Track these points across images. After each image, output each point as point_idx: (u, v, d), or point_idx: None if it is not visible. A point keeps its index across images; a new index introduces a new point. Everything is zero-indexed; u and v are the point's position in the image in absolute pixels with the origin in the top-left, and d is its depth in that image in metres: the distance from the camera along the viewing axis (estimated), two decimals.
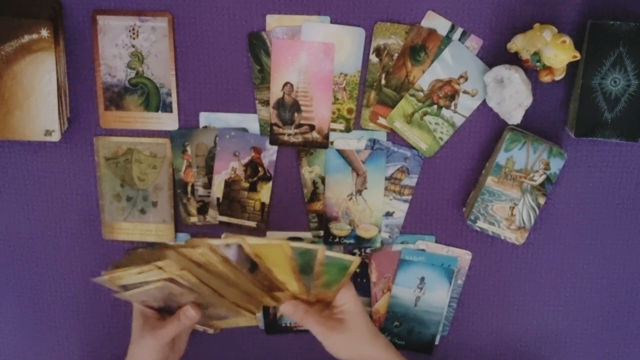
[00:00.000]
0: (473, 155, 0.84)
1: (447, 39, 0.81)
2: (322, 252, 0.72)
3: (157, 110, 0.84)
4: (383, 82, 0.82)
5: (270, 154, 0.85)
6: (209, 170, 0.85)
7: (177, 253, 0.70)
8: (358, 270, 0.87)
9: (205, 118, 0.84)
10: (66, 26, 0.82)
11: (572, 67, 0.77)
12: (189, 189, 0.86)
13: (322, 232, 0.86)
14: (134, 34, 0.82)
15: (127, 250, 0.87)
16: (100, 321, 0.91)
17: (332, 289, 0.77)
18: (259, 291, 0.76)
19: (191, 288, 0.72)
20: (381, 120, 0.83)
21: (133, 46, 0.82)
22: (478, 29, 0.80)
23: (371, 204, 0.85)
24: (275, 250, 0.71)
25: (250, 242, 0.70)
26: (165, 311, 0.78)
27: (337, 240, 0.86)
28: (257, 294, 0.77)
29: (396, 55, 0.81)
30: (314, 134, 0.84)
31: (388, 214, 0.86)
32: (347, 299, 0.77)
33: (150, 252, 0.74)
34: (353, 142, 0.84)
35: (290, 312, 0.77)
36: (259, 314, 0.81)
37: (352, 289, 0.78)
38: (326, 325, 0.77)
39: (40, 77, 0.80)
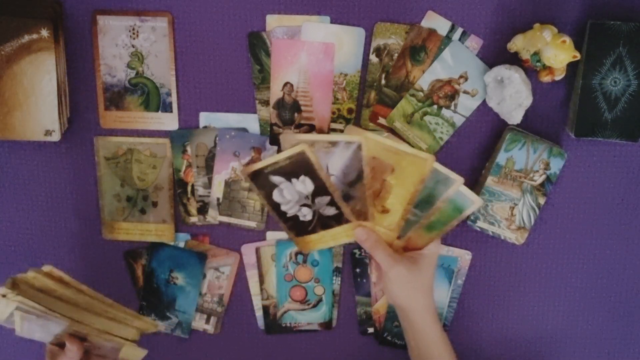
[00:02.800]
0: (473, 155, 0.84)
1: (447, 39, 0.81)
2: (458, 185, 0.67)
3: (157, 110, 0.84)
4: (383, 82, 0.82)
5: (270, 154, 0.84)
6: (209, 170, 0.85)
7: (13, 280, 0.66)
8: (358, 270, 0.87)
9: (205, 118, 0.84)
10: (66, 26, 0.82)
11: (572, 67, 0.77)
12: (189, 189, 0.86)
13: None
14: (134, 34, 0.82)
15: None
16: None
17: (433, 234, 0.74)
18: (125, 315, 0.72)
19: (44, 316, 0.68)
20: (381, 120, 0.83)
21: (133, 46, 0.82)
22: (478, 29, 0.80)
23: None
24: (415, 163, 0.66)
25: (389, 145, 0.64)
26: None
27: None
28: (124, 319, 0.73)
29: (396, 55, 0.81)
30: None
31: None
32: (431, 245, 0.76)
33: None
34: None
35: (363, 238, 0.75)
36: (138, 338, 0.75)
37: (439, 239, 0.77)
38: (394, 257, 0.75)
39: (40, 77, 0.80)
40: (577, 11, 0.79)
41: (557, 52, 0.73)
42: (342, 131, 0.83)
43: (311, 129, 0.83)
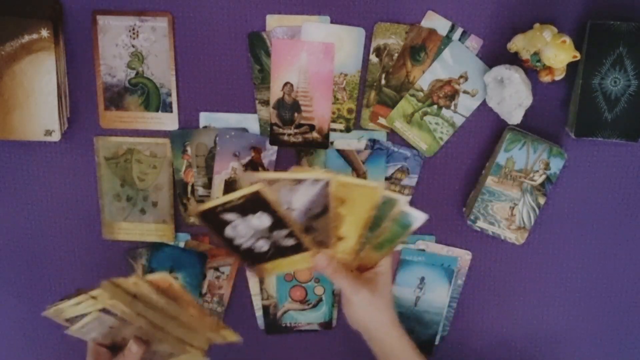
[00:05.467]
0: (473, 155, 0.84)
1: (447, 39, 0.81)
2: (402, 205, 0.70)
3: (157, 110, 0.84)
4: (383, 82, 0.82)
5: (270, 154, 0.85)
6: (209, 170, 0.85)
7: (111, 284, 0.68)
8: None
9: (205, 118, 0.84)
10: (66, 26, 0.82)
11: (572, 67, 0.77)
12: (189, 189, 0.86)
13: None
14: (134, 34, 0.82)
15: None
16: None
17: (383, 251, 0.75)
18: (203, 325, 0.74)
19: (126, 320, 0.70)
20: (381, 120, 0.83)
21: (133, 46, 0.82)
22: (478, 29, 0.80)
23: None
24: (366, 193, 0.68)
25: (343, 180, 0.67)
26: (118, 350, 0.77)
27: None
28: (200, 328, 0.74)
29: (396, 55, 0.81)
30: (314, 134, 0.84)
31: None
32: (383, 262, 0.77)
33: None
34: (353, 142, 0.84)
35: (324, 264, 0.75)
36: (205, 349, 0.77)
37: (390, 256, 0.78)
38: (357, 282, 0.75)
39: (40, 77, 0.80)
40: (577, 11, 0.79)
41: (557, 52, 0.73)
42: (342, 131, 0.84)
43: (311, 128, 0.83)
